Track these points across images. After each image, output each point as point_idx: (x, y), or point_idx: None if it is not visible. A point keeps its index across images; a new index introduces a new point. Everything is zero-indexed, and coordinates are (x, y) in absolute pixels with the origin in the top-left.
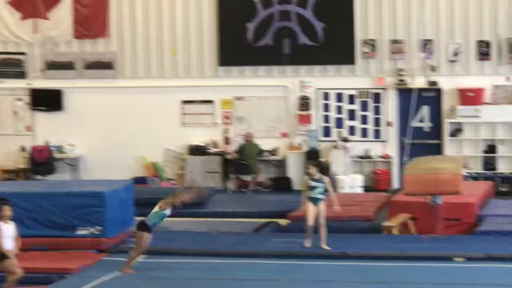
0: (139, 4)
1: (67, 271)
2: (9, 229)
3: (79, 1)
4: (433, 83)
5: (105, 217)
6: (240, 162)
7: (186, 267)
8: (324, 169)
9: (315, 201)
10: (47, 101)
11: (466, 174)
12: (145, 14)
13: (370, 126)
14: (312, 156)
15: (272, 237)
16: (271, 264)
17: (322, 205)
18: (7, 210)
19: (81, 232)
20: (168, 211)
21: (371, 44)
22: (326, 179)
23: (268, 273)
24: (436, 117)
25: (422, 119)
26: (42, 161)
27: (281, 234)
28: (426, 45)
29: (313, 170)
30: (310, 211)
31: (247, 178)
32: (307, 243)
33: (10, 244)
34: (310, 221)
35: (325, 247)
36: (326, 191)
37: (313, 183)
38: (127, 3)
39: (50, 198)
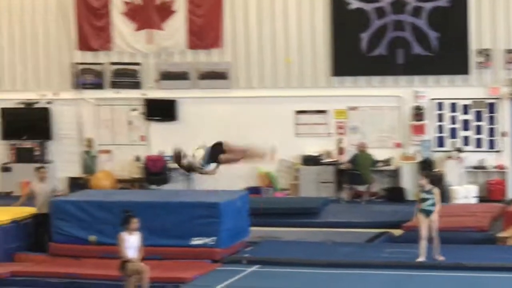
0: (253, 14)
1: (181, 281)
2: (134, 240)
3: (194, 12)
4: None
5: (219, 227)
6: (354, 172)
7: (299, 277)
8: (435, 180)
9: (426, 213)
10: (161, 111)
11: None
12: (259, 24)
13: (485, 136)
14: (426, 166)
15: (386, 247)
16: (384, 274)
17: (433, 217)
18: (135, 223)
19: (195, 242)
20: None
21: (485, 53)
22: (435, 190)
23: (381, 284)
24: None
25: None
26: (157, 171)
27: (395, 244)
28: None
29: (424, 181)
30: (422, 223)
31: (361, 188)
32: (421, 258)
33: (132, 254)
34: (423, 233)
35: (439, 257)
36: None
37: (424, 195)
38: (241, 13)
39: (166, 208)
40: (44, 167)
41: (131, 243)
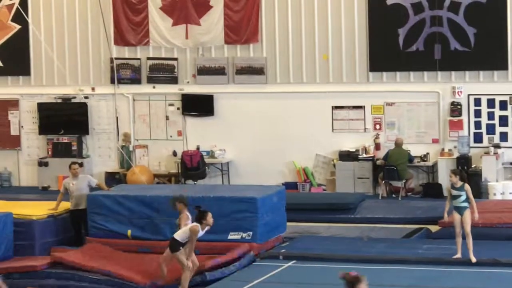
0: (290, 9)
1: None
2: (202, 233)
3: (230, 7)
4: None
5: (256, 222)
6: (390, 167)
7: (335, 272)
8: (465, 177)
9: (459, 210)
10: (198, 106)
11: None
12: (296, 19)
13: None
14: (463, 162)
15: (422, 243)
16: (421, 270)
17: (466, 214)
18: (211, 217)
19: (232, 236)
20: None
21: None
22: (466, 186)
23: (417, 280)
24: None
25: None
26: (193, 166)
27: (432, 240)
28: None
29: (455, 179)
30: (456, 220)
31: (397, 184)
32: (457, 255)
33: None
34: (457, 230)
35: (473, 258)
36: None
37: (455, 192)
38: (278, 8)
39: (203, 203)
40: (76, 162)
41: (199, 236)
